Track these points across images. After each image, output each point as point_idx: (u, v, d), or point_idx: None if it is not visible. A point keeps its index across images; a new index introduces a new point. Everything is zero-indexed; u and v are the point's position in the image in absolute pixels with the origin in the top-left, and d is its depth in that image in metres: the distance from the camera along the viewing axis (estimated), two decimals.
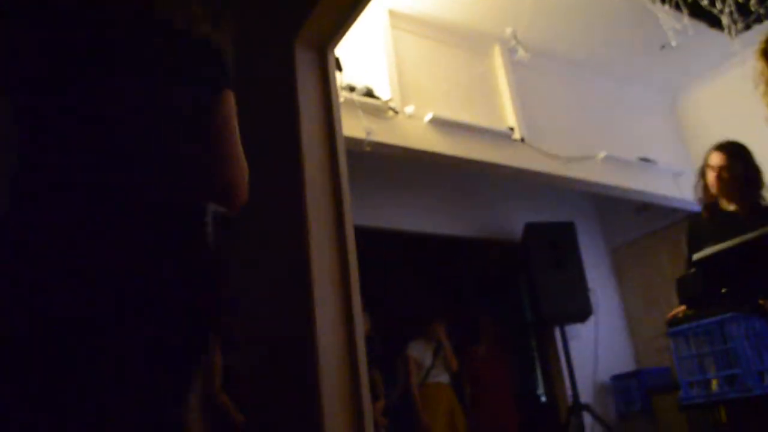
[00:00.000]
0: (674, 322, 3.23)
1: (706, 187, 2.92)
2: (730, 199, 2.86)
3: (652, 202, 5.34)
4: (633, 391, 5.41)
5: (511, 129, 4.36)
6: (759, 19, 4.34)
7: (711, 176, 2.88)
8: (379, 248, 5.17)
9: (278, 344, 2.34)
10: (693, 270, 1.71)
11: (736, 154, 2.86)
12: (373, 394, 4.58)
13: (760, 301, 2.61)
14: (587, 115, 5.02)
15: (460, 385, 5.13)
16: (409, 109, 3.90)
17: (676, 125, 5.75)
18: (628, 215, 6.05)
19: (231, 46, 1.27)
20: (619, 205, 5.79)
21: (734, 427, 3.11)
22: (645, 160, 5.10)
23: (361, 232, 4.51)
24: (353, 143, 3.55)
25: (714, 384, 3.04)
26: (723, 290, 1.62)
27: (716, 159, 2.89)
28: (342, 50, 3.66)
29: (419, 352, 4.91)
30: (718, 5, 4.15)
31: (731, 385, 2.95)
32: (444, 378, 4.88)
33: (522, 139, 4.37)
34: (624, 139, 5.13)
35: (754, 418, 3.00)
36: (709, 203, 2.92)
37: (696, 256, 1.66)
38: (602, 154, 4.80)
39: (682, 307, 3.02)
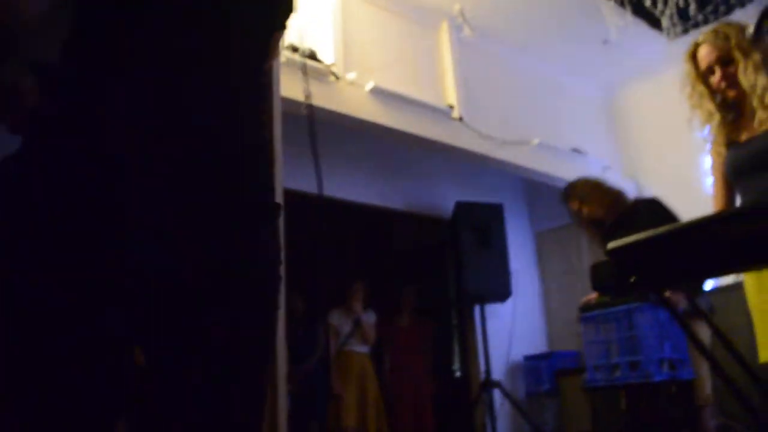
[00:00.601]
0: (586, 308, 3.38)
1: (585, 222, 3.25)
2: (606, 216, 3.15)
3: None
4: (543, 371, 5.61)
5: (451, 107, 4.38)
6: (697, 25, 4.48)
7: (583, 218, 3.31)
8: (308, 214, 5.13)
9: None
10: (606, 258, 1.76)
11: (580, 190, 3.34)
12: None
13: (666, 293, 2.75)
14: (526, 101, 5.10)
15: (381, 354, 5.21)
16: (351, 75, 3.85)
17: (610, 120, 5.92)
18: (555, 202, 6.20)
19: None
20: (547, 192, 5.93)
21: (632, 410, 3.28)
22: (577, 151, 5.24)
23: (290, 196, 4.47)
24: (291, 105, 3.49)
25: (617, 369, 3.20)
26: (632, 279, 1.67)
27: (574, 204, 3.36)
28: None
29: (338, 320, 4.95)
30: (660, 6, 4.27)
31: (633, 371, 3.11)
32: (361, 347, 4.94)
33: (460, 118, 4.40)
34: (559, 129, 5.25)
35: (650, 403, 3.18)
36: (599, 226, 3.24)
37: (610, 245, 1.71)
38: (536, 141, 4.90)
39: (594, 295, 3.15)
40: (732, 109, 2.13)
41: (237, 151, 0.94)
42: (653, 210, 3.08)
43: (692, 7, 4.18)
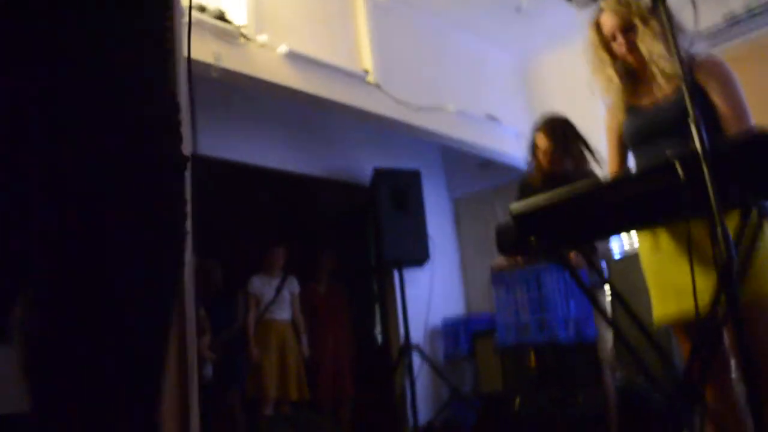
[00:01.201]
0: (497, 270, 3.46)
1: (539, 164, 3.17)
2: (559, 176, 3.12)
3: (494, 159, 5.61)
4: (461, 335, 5.76)
5: (366, 71, 4.33)
6: None
7: (541, 158, 3.10)
8: (223, 181, 5.01)
9: None
10: (509, 220, 1.80)
11: (560, 137, 3.10)
12: (198, 329, 4.53)
13: (570, 255, 2.85)
14: (441, 68, 5.11)
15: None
16: (263, 37, 3.73)
17: (523, 87, 6.03)
18: (471, 169, 6.32)
19: None
20: (464, 159, 6.03)
21: (540, 369, 3.42)
22: (491, 117, 5.32)
23: (205, 163, 4.33)
24: (200, 67, 3.35)
25: (527, 330, 3.31)
26: (531, 239, 1.72)
27: (543, 143, 3.12)
28: None
29: (259, 287, 4.88)
30: None
31: (541, 331, 3.23)
32: (281, 315, 4.90)
33: (376, 84, 4.36)
34: (474, 96, 5.30)
35: (557, 361, 3.32)
36: (542, 174, 3.17)
37: (512, 207, 1.75)
38: (452, 107, 4.93)
39: (500, 259, 3.22)
40: (631, 76, 2.20)
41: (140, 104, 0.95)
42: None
43: None
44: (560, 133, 3.18)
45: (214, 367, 4.62)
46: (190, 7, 1.51)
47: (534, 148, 3.25)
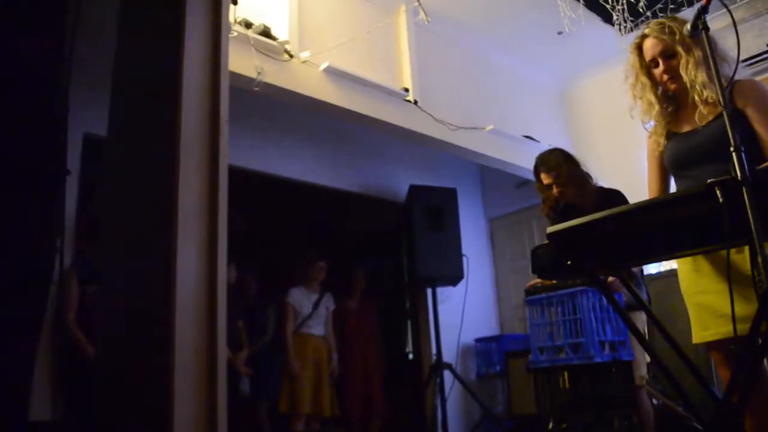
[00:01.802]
0: (532, 291, 3.44)
1: (549, 199, 3.21)
2: (570, 199, 3.14)
3: (531, 179, 5.58)
4: (493, 353, 5.72)
5: (406, 90, 4.39)
6: (647, 21, 4.58)
7: (554, 190, 3.15)
8: (261, 193, 5.10)
9: (136, 280, 2.25)
10: (546, 242, 1.81)
11: (556, 168, 3.18)
12: (236, 343, 4.59)
13: (608, 279, 2.83)
14: (480, 88, 5.14)
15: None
16: (305, 54, 3.82)
17: (562, 109, 6.02)
18: (508, 188, 6.31)
19: None
20: (500, 178, 6.02)
21: (573, 390, 3.37)
22: (529, 138, 5.31)
23: (243, 175, 4.43)
24: (243, 81, 3.44)
25: (561, 351, 3.28)
26: (568, 262, 1.72)
27: (546, 179, 3.17)
28: None
29: (298, 300, 4.90)
30: (611, 1, 4.34)
31: (576, 352, 3.20)
32: (318, 330, 4.91)
33: (415, 102, 4.41)
34: (512, 116, 5.31)
35: (591, 382, 3.27)
36: (556, 207, 3.21)
37: (549, 230, 1.75)
38: (490, 127, 4.95)
39: (538, 280, 3.20)
40: (672, 101, 2.19)
41: None
42: (617, 201, 3.14)
43: (642, 4, 4.26)
44: (555, 164, 3.24)
45: (251, 381, 4.66)
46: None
47: (543, 187, 3.30)
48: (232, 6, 3.24)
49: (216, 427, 1.98)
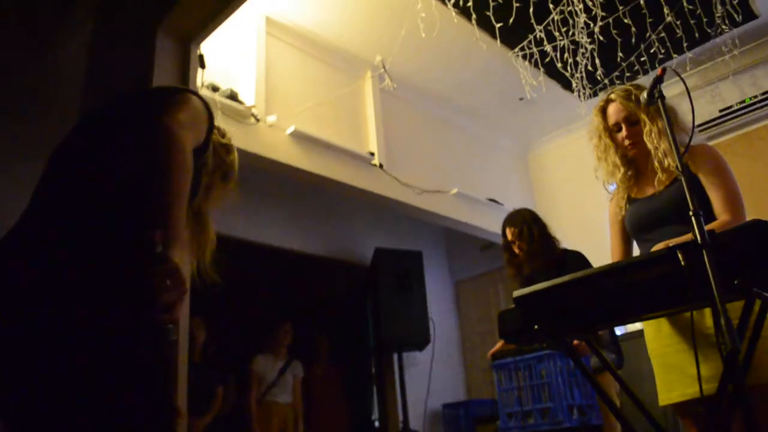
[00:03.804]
0: (499, 355, 3.41)
1: (512, 259, 3.27)
2: (532, 261, 3.20)
3: (496, 242, 5.63)
4: (461, 419, 5.61)
5: (372, 154, 4.43)
6: (604, 89, 4.78)
7: (515, 249, 3.21)
8: (226, 258, 5.00)
9: None
10: (513, 306, 1.80)
11: (521, 224, 3.31)
12: (205, 407, 4.40)
13: (574, 342, 2.82)
14: (445, 151, 5.23)
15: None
16: (272, 118, 3.84)
17: (525, 172, 6.15)
18: (473, 251, 6.35)
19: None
20: (466, 241, 6.06)
21: None
22: (493, 201, 5.39)
23: None
24: None
25: (530, 417, 3.23)
26: (535, 327, 1.71)
27: (510, 234, 3.25)
28: (211, 50, 3.55)
29: (263, 366, 4.77)
30: (571, 69, 4.52)
31: (544, 418, 3.15)
32: (283, 398, 4.77)
33: (381, 165, 4.45)
34: (476, 179, 5.39)
35: None
36: (516, 269, 3.27)
37: (515, 294, 1.75)
38: (454, 190, 5.01)
39: (501, 343, 3.18)
40: (631, 165, 2.25)
41: None
42: (580, 264, 3.18)
43: (599, 72, 4.44)
44: (520, 221, 3.33)
45: None
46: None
47: (506, 244, 3.36)
48: (199, 69, 3.27)
49: None
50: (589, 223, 5.00)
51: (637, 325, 4.75)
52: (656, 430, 1.88)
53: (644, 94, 1.81)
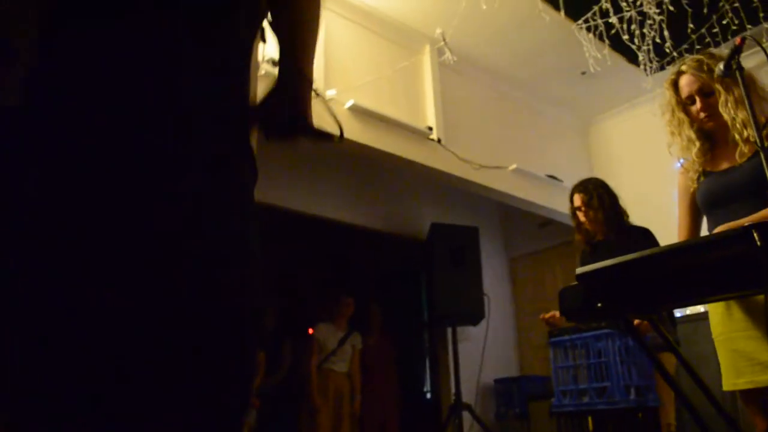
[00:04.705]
0: (555, 333, 3.39)
1: (580, 225, 3.21)
2: (599, 231, 3.13)
3: (554, 219, 5.55)
4: (513, 395, 5.61)
5: (430, 128, 4.41)
6: (672, 62, 4.60)
7: (579, 215, 3.15)
8: (283, 229, 5.12)
9: None
10: (575, 283, 1.79)
11: (592, 192, 3.16)
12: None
13: (635, 322, 2.78)
14: (504, 126, 5.16)
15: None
16: (331, 92, 3.87)
17: (585, 149, 6.01)
18: (530, 228, 6.28)
19: None
20: (523, 217, 6.00)
21: None
22: (552, 177, 5.30)
23: (266, 211, 4.46)
24: None
25: (585, 395, 3.21)
26: (599, 305, 1.70)
27: (578, 200, 3.17)
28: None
29: (324, 335, 4.90)
30: (637, 42, 4.37)
31: (600, 397, 3.13)
32: (341, 367, 4.89)
33: (439, 140, 4.43)
34: (535, 155, 5.31)
35: (616, 428, 3.19)
36: (585, 237, 3.21)
37: (578, 271, 1.74)
38: (513, 166, 4.95)
39: (555, 312, 3.14)
40: (708, 139, 2.17)
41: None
42: (648, 241, 3.11)
43: (667, 45, 4.28)
44: (591, 188, 3.26)
45: (259, 414, 4.60)
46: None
47: (573, 211, 3.30)
48: (261, 44, 3.31)
49: None
50: (651, 203, 4.87)
51: (698, 308, 4.64)
52: (718, 411, 1.85)
53: (720, 66, 1.74)
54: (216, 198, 0.83)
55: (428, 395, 6.13)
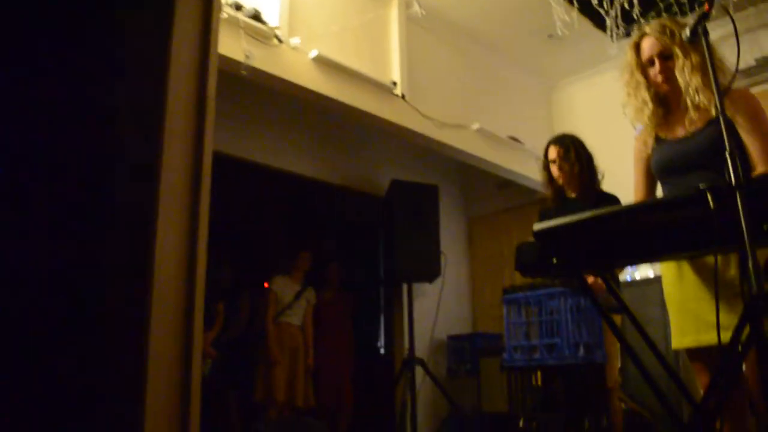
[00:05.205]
0: (510, 290, 3.46)
1: (550, 179, 3.17)
2: (571, 187, 3.12)
3: (513, 180, 5.61)
4: (465, 351, 5.73)
5: (394, 83, 4.36)
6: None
7: (553, 168, 3.12)
8: (241, 180, 5.04)
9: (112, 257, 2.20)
10: (531, 240, 1.80)
11: (569, 145, 3.13)
12: (209, 324, 4.54)
13: (589, 279, 2.84)
14: (468, 86, 5.13)
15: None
16: (295, 41, 3.77)
17: (547, 113, 6.05)
18: (489, 189, 6.33)
19: None
20: (482, 178, 6.04)
21: (547, 391, 3.40)
22: (514, 139, 5.33)
23: (224, 161, 4.37)
24: (230, 64, 3.39)
25: (536, 351, 3.30)
26: (554, 260, 1.72)
27: (553, 153, 3.14)
28: None
29: (281, 288, 4.88)
30: (606, 6, 4.36)
31: (550, 353, 3.22)
32: (296, 320, 4.90)
33: (402, 96, 4.39)
34: (498, 116, 5.32)
35: (564, 383, 3.30)
36: (555, 193, 3.18)
37: (536, 227, 1.75)
38: (475, 126, 4.95)
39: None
40: (662, 104, 2.20)
41: None
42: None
43: (636, 10, 4.28)
44: (569, 142, 3.22)
45: (214, 364, 4.61)
46: None
47: (546, 162, 3.25)
48: None
49: (189, 413, 1.95)
50: (610, 169, 4.93)
51: (647, 273, 4.78)
52: (663, 366, 1.92)
53: (686, 30, 1.74)
54: None
55: (381, 350, 6.21)
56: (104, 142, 0.99)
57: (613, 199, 3.21)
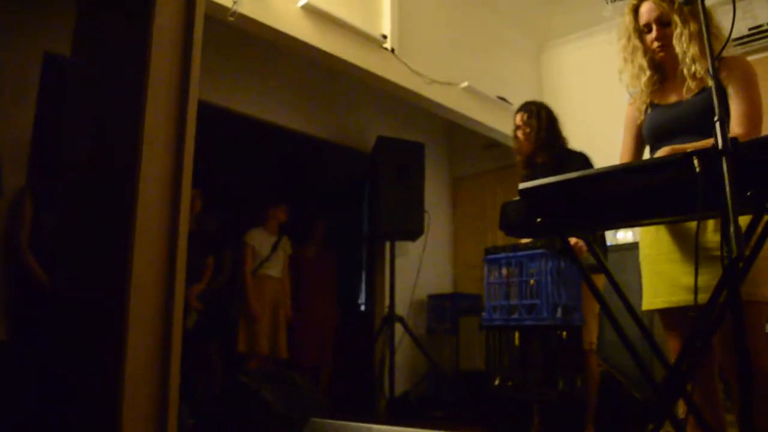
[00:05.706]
0: (492, 250, 3.47)
1: (520, 147, 3.26)
2: (540, 154, 3.19)
3: (499, 141, 5.58)
4: (445, 310, 5.80)
5: (384, 36, 4.27)
6: None
7: (518, 134, 3.20)
8: (226, 130, 4.96)
9: (95, 208, 2.16)
10: (516, 199, 1.80)
11: (532, 110, 3.22)
12: (197, 277, 4.52)
13: (572, 240, 2.85)
14: (459, 43, 5.05)
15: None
16: None
17: (536, 73, 5.99)
18: (475, 149, 6.30)
19: None
20: (469, 138, 6.00)
21: (524, 351, 3.45)
22: (502, 99, 5.28)
23: (208, 109, 4.29)
24: (216, 9, 3.29)
25: (515, 311, 3.33)
26: (538, 220, 1.71)
27: (518, 119, 3.22)
28: None
29: (258, 241, 4.86)
30: None
31: (529, 313, 3.25)
32: (275, 272, 4.89)
33: (392, 50, 4.31)
34: (487, 75, 5.25)
35: (542, 344, 3.35)
36: (526, 160, 3.26)
37: (521, 186, 1.74)
38: (464, 84, 4.89)
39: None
40: (658, 70, 2.17)
41: None
42: (583, 164, 3.17)
43: None
44: (533, 107, 3.33)
45: (199, 317, 4.61)
46: None
47: (514, 130, 3.35)
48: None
49: (169, 361, 1.95)
50: (597, 133, 4.92)
51: (627, 238, 4.81)
52: (639, 328, 1.94)
53: None
54: None
55: (362, 307, 6.25)
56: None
57: (578, 155, 3.25)
